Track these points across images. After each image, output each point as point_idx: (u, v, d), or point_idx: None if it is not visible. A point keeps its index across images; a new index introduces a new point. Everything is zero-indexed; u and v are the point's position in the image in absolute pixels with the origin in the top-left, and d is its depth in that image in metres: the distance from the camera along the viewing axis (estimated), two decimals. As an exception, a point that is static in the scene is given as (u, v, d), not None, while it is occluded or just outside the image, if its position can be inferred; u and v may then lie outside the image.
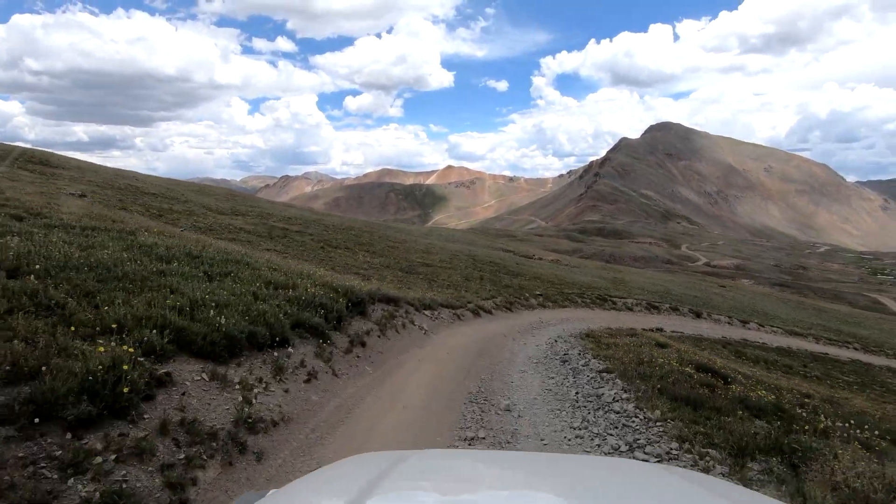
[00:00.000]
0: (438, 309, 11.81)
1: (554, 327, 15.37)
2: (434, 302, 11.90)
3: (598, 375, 7.24)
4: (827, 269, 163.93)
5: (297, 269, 8.83)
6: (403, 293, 11.41)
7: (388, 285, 13.79)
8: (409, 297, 10.78)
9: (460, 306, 13.71)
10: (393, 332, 8.56)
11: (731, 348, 19.05)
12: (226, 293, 5.88)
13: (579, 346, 10.17)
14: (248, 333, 5.25)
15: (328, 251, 20.89)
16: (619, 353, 8.59)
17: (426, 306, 11.18)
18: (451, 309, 12.83)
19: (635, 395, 5.97)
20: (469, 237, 57.48)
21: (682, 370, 7.09)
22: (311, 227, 29.99)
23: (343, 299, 7.67)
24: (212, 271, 6.69)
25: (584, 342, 10.68)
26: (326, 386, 5.69)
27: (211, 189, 46.46)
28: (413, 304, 10.63)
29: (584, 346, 9.96)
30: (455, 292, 17.15)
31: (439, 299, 13.00)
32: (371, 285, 10.45)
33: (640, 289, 32.04)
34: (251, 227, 22.79)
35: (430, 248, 31.69)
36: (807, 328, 30.22)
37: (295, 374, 5.43)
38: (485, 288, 20.15)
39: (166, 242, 7.29)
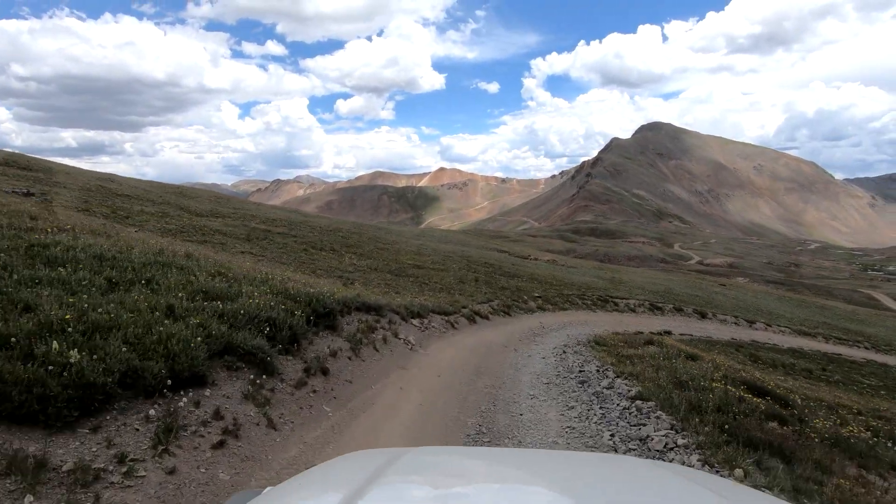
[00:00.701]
0: (429, 316, 10.42)
1: (557, 333, 14.03)
2: (424, 308, 10.51)
3: (631, 404, 5.76)
4: (819, 265, 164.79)
5: (254, 272, 7.35)
6: (389, 299, 10.02)
7: (373, 290, 12.39)
8: (394, 304, 9.36)
9: (454, 312, 12.33)
10: (370, 349, 7.07)
11: (744, 351, 17.84)
12: (123, 309, 4.30)
13: (594, 358, 8.79)
14: (125, 373, 3.54)
15: (311, 253, 19.41)
16: (646, 368, 7.24)
17: (415, 314, 9.77)
18: (444, 315, 11.43)
19: (694, 437, 4.48)
20: (462, 238, 56.12)
21: (734, 393, 5.71)
22: (297, 228, 28.50)
23: (302, 311, 6.10)
24: (120, 278, 5.11)
25: (598, 353, 9.32)
26: (252, 449, 3.88)
27: (194, 191, 44.77)
28: (399, 311, 9.20)
29: (601, 359, 8.57)
30: (448, 296, 15.77)
31: (430, 305, 11.60)
32: (350, 291, 9.04)
33: (641, 289, 30.83)
34: (229, 229, 21.27)
35: (422, 250, 30.28)
36: (813, 327, 29.16)
37: (198, 436, 3.63)
38: (480, 290, 18.79)
39: (76, 243, 5.80)
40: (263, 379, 4.75)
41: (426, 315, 10.30)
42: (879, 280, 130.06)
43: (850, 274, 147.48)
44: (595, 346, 10.40)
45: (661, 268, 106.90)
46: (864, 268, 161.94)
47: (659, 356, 8.38)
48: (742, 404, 5.35)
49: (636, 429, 5.07)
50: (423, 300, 12.64)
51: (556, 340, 12.17)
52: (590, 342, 11.27)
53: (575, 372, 7.77)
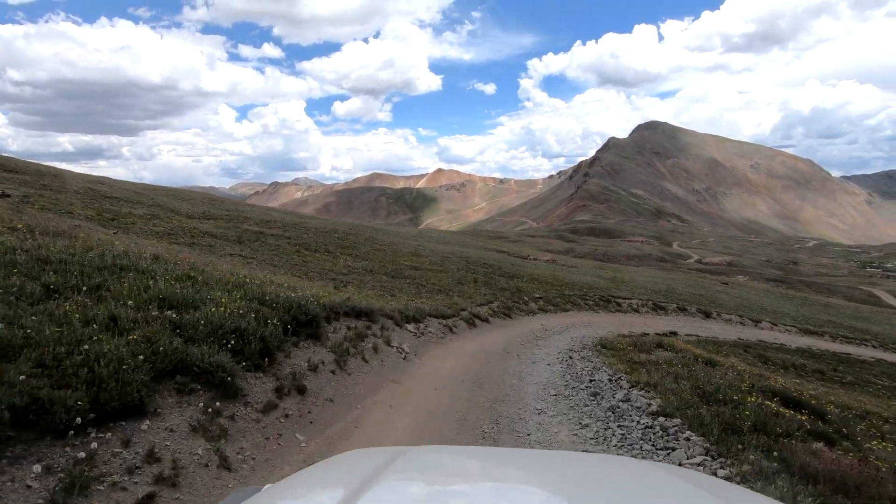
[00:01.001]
0: (426, 320, 9.80)
1: (561, 336, 13.43)
2: (420, 312, 9.89)
3: (653, 422, 5.05)
4: (817, 263, 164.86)
5: (230, 276, 6.67)
6: (382, 302, 9.40)
7: (367, 293, 11.77)
8: (388, 308, 8.73)
9: (452, 315, 11.71)
10: (358, 361, 6.33)
11: (752, 352, 17.26)
12: (50, 322, 3.53)
13: (604, 365, 8.16)
14: (27, 408, 2.72)
15: (304, 255, 18.78)
16: (663, 377, 6.61)
17: (410, 318, 9.13)
18: (442, 319, 10.82)
19: (737, 467, 3.76)
20: (461, 239, 55.53)
21: (769, 408, 5.07)
22: (291, 230, 27.88)
23: (279, 319, 5.37)
24: (63, 283, 4.33)
25: (607, 358, 8.70)
26: (194, 501, 3.01)
27: (188, 193, 44.12)
28: (392, 316, 8.56)
29: (612, 366, 7.94)
30: (446, 298, 15.16)
31: (427, 308, 10.99)
32: (340, 295, 8.43)
33: (643, 288, 30.28)
34: (220, 231, 20.62)
35: (420, 251, 29.68)
36: (819, 326, 28.64)
37: (118, 490, 2.77)
38: (479, 292, 18.19)
39: (22, 245, 5.14)
40: (221, 404, 3.89)
41: (423, 319, 9.69)
42: (878, 277, 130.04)
43: (848, 271, 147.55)
44: (602, 351, 9.79)
45: (661, 266, 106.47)
46: (862, 265, 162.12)
47: (675, 362, 7.77)
48: (780, 420, 4.71)
49: (664, 453, 4.35)
50: (420, 303, 12.03)
51: (560, 344, 11.56)
52: (596, 346, 10.66)
53: (585, 381, 7.12)
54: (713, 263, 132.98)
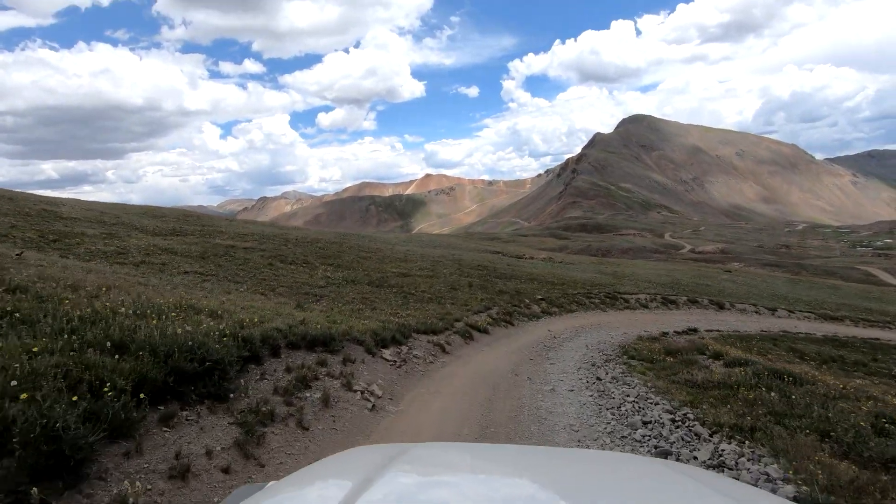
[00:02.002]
0: (410, 340, 7.92)
1: (573, 343, 11.57)
2: (404, 329, 8.01)
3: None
4: (809, 245, 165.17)
5: (106, 306, 4.61)
6: (356, 321, 7.52)
7: (341, 308, 9.85)
8: (357, 331, 6.79)
9: (444, 328, 9.82)
10: (290, 428, 4.18)
11: (782, 345, 15.52)
12: None
13: (647, 388, 6.26)
14: None
15: (276, 268, 16.80)
16: (750, 410, 4.73)
17: (389, 341, 7.21)
18: (432, 335, 8.93)
19: None
20: (452, 241, 53.62)
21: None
22: (268, 242, 25.86)
23: (135, 378, 3.25)
24: None
25: (644, 376, 6.86)
26: None
27: (162, 211, 41.79)
28: (363, 341, 6.60)
29: (661, 392, 6.02)
30: (438, 307, 13.27)
31: (414, 322, 9.10)
32: (292, 317, 6.52)
33: (647, 281, 28.57)
34: (184, 247, 18.58)
35: (409, 256, 27.77)
36: (835, 310, 27.07)
37: None
38: (475, 297, 16.32)
39: None
40: None
41: (406, 339, 7.80)
42: (870, 255, 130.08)
43: (840, 252, 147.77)
44: (632, 363, 7.97)
45: (656, 258, 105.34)
46: (853, 244, 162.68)
47: (743, 380, 5.86)
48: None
49: None
50: (406, 316, 10.12)
51: (575, 354, 9.70)
52: (621, 355, 8.85)
53: (636, 424, 5.01)
54: (707, 252, 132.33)
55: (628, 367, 7.89)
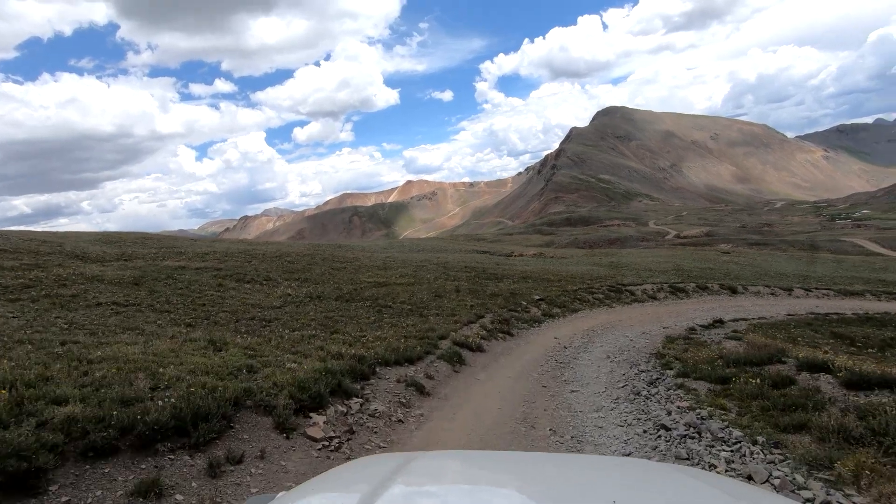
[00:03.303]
0: (370, 383, 5.45)
1: (590, 354, 9.19)
2: (362, 366, 5.53)
3: None
4: (790, 222, 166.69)
5: None
6: (270, 371, 4.92)
7: (285, 338, 7.31)
8: (268, 387, 4.10)
9: (425, 353, 7.36)
10: None
11: (822, 330, 13.40)
12: None
13: (770, 452, 3.73)
14: None
15: (226, 290, 14.14)
16: None
17: (325, 397, 4.38)
18: (407, 366, 6.48)
19: None
20: (437, 244, 51.09)
21: None
22: (230, 260, 23.14)
23: None
24: None
25: (741, 419, 4.35)
26: None
27: (119, 236, 38.53)
28: (273, 407, 3.71)
29: (808, 462, 3.52)
30: (419, 321, 10.80)
31: (382, 349, 6.63)
32: (151, 376, 3.93)
33: (648, 270, 26.49)
34: (119, 273, 15.81)
35: (389, 263, 25.25)
36: (849, 284, 25.27)
37: None
38: (464, 304, 13.90)
39: None
40: None
41: (366, 380, 5.34)
42: (850, 227, 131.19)
43: (820, 226, 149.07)
44: (689, 384, 5.66)
45: (644, 246, 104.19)
46: (831, 217, 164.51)
47: None
48: None
49: None
50: (373, 341, 7.63)
51: (600, 372, 7.33)
52: (662, 368, 6.54)
53: None
54: (692, 236, 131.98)
55: (687, 391, 5.54)
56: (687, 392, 5.58)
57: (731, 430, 4.09)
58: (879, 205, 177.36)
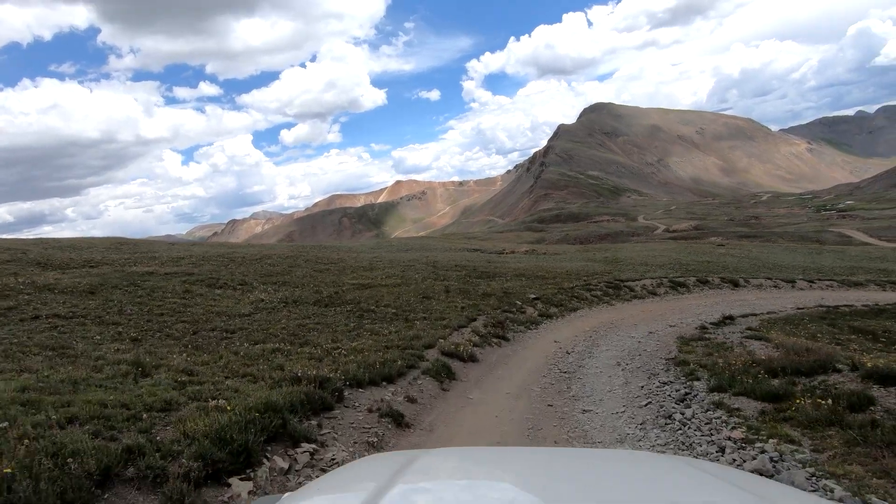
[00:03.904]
0: (333, 415, 4.30)
1: (597, 360, 8.11)
2: (328, 388, 4.39)
3: None
4: (776, 214, 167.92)
5: None
6: (187, 412, 3.74)
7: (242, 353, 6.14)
8: (151, 452, 2.91)
9: (408, 367, 6.24)
10: None
11: (840, 324, 12.49)
12: None
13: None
14: None
15: (192, 297, 12.86)
16: None
17: (256, 448, 3.10)
18: (384, 386, 5.36)
19: None
20: (426, 243, 49.88)
21: None
22: (206, 264, 21.79)
23: None
24: None
25: (818, 456, 3.28)
26: None
27: (92, 241, 36.89)
28: (165, 480, 2.68)
29: None
30: (404, 327, 9.65)
31: (353, 368, 5.49)
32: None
33: (644, 265, 25.60)
34: (76, 280, 14.44)
35: (375, 264, 24.04)
36: (850, 274, 24.59)
37: None
38: (454, 305, 12.78)
39: None
40: None
41: (329, 410, 4.19)
42: (836, 218, 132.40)
43: (807, 217, 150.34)
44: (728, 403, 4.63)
45: (634, 241, 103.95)
46: (817, 209, 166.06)
47: None
48: None
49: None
50: (347, 355, 6.48)
51: (613, 384, 6.26)
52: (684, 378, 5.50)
53: None
54: (681, 230, 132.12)
55: (729, 412, 4.44)
56: (730, 414, 4.52)
57: (825, 482, 3.03)
58: (863, 195, 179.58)
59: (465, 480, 1.40)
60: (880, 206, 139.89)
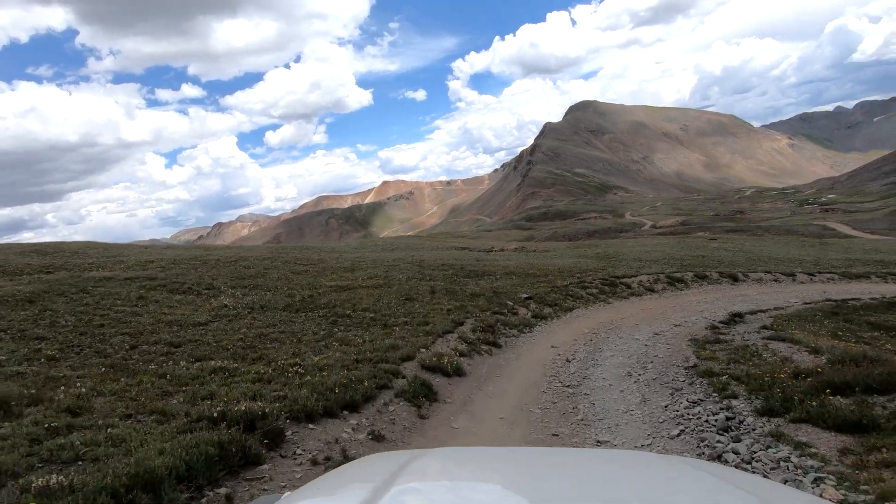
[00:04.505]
0: (252, 482, 3.10)
1: (603, 370, 7.01)
2: (261, 428, 3.17)
3: None
4: (760, 209, 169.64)
5: None
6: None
7: (142, 388, 4.91)
8: None
9: (376, 390, 5.05)
10: None
11: (857, 320, 11.58)
12: None
13: None
14: None
15: (144, 304, 11.50)
16: None
17: None
18: (345, 416, 4.18)
19: None
20: (413, 242, 48.58)
21: None
22: (174, 268, 20.34)
23: None
24: None
25: None
26: None
27: (60, 246, 34.95)
28: None
29: None
30: (380, 335, 8.44)
31: (305, 393, 4.28)
32: None
33: (639, 260, 24.70)
34: (17, 289, 12.94)
35: (358, 264, 22.75)
36: (847, 266, 23.96)
37: None
38: (440, 307, 11.60)
39: None
40: None
41: (255, 468, 3.02)
42: (818, 211, 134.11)
43: (790, 211, 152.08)
44: (789, 434, 3.50)
45: (623, 237, 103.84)
46: (800, 203, 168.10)
47: None
48: None
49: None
50: (302, 374, 5.24)
51: (630, 402, 5.18)
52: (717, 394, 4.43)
53: None
54: (667, 226, 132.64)
55: (800, 451, 3.35)
56: (801, 453, 3.41)
57: None
58: (843, 189, 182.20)
59: (467, 479, 1.37)
60: (861, 199, 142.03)
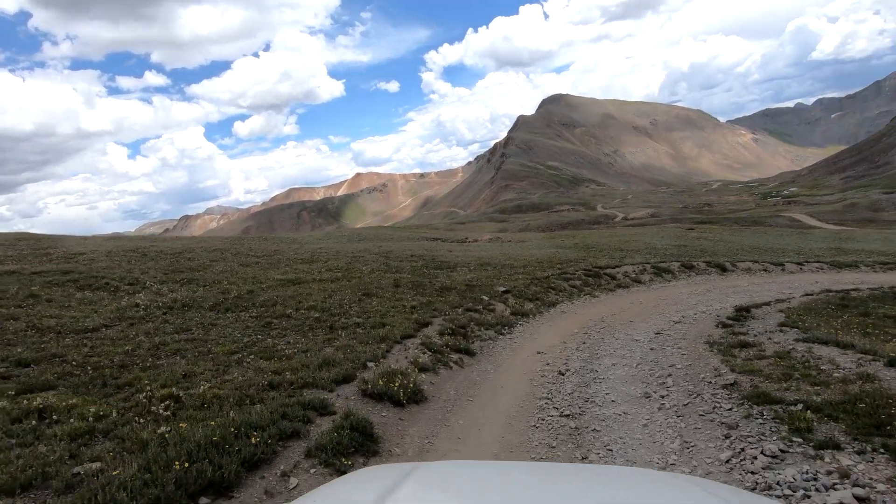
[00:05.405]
0: None
1: (609, 385, 5.30)
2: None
3: None
4: (727, 201, 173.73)
5: None
6: None
7: None
8: None
9: (279, 443, 3.14)
10: None
11: (874, 312, 10.29)
12: None
13: None
14: None
15: (33, 303, 9.21)
16: None
17: None
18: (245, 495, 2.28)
19: None
20: (383, 233, 46.36)
21: None
22: (106, 260, 17.84)
23: None
24: None
25: None
26: None
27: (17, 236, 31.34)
28: None
29: None
30: (321, 341, 6.53)
31: (127, 477, 2.38)
32: None
33: (619, 250, 23.39)
34: None
35: (317, 255, 20.60)
36: (833, 255, 23.27)
37: None
38: (402, 305, 9.72)
39: None
40: None
41: None
42: (781, 204, 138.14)
43: (755, 204, 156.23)
44: None
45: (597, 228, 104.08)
46: (763, 196, 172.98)
47: None
48: None
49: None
50: (175, 410, 3.27)
51: (665, 449, 3.44)
52: (879, 478, 2.71)
53: None
54: (638, 218, 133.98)
55: None
56: None
57: None
58: (805, 182, 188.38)
59: (467, 492, 1.37)
60: (821, 192, 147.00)
